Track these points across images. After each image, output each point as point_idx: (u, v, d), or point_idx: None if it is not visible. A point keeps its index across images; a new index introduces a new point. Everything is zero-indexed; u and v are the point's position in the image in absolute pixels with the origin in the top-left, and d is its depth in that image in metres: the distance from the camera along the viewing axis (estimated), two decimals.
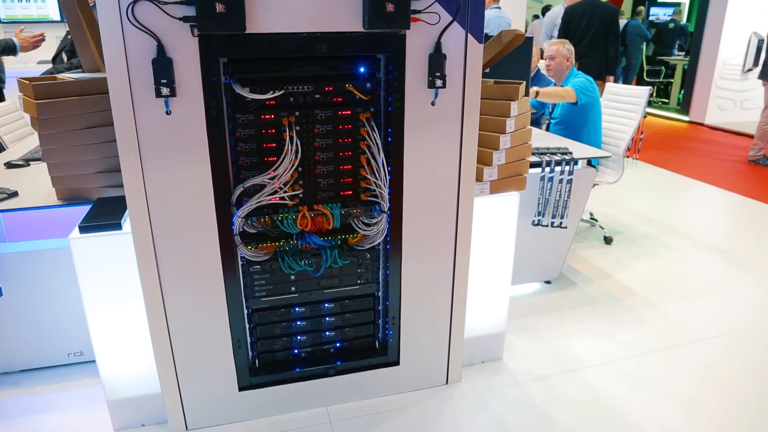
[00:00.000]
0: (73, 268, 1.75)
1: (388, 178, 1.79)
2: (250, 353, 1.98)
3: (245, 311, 1.91)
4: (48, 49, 4.81)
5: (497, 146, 2.04)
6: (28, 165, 2.55)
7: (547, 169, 2.67)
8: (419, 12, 1.62)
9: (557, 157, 2.69)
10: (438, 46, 1.69)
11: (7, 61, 5.93)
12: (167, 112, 1.56)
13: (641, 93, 3.49)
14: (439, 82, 1.72)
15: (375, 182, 1.78)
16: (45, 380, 2.25)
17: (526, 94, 2.39)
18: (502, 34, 2.06)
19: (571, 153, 2.75)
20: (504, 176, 2.10)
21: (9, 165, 2.55)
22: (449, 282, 2.03)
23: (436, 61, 1.70)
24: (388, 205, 1.83)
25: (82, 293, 1.79)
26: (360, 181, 1.83)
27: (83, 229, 1.74)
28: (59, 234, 2.05)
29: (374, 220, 1.85)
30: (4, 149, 3.00)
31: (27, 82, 1.87)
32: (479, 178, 2.05)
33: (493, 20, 5.70)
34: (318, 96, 1.72)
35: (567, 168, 2.69)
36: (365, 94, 1.74)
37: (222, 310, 1.84)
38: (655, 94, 9.78)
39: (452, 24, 1.67)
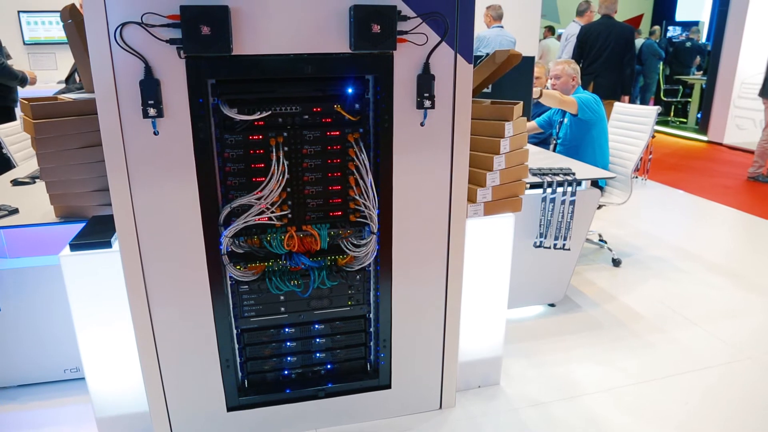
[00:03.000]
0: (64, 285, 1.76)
1: (376, 199, 1.78)
2: (240, 373, 1.97)
3: (234, 331, 1.90)
4: (65, 70, 4.95)
5: (491, 167, 2.02)
6: (34, 182, 2.60)
7: (549, 190, 2.63)
8: (406, 33, 1.62)
9: (559, 178, 2.65)
10: (426, 66, 1.68)
11: None
12: (155, 133, 1.58)
13: (649, 113, 3.44)
14: (427, 103, 1.71)
15: (364, 203, 1.77)
16: (41, 396, 2.27)
17: (524, 113, 2.37)
18: (495, 54, 2.05)
19: (573, 174, 2.71)
20: (499, 197, 2.07)
21: (15, 182, 2.61)
22: (442, 305, 2.00)
23: (425, 82, 1.69)
24: (377, 226, 1.81)
25: (72, 310, 1.80)
26: (349, 202, 1.82)
27: (74, 246, 1.76)
28: (58, 251, 2.08)
29: (363, 242, 1.83)
30: (14, 167, 3.07)
31: (26, 102, 1.91)
32: (473, 199, 2.02)
33: (493, 39, 5.68)
34: (306, 117, 1.73)
35: (569, 189, 2.65)
36: (354, 115, 1.74)
37: (210, 330, 1.84)
38: (672, 114, 9.66)
39: (440, 44, 1.67)
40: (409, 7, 1.61)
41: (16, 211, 2.17)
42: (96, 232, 1.84)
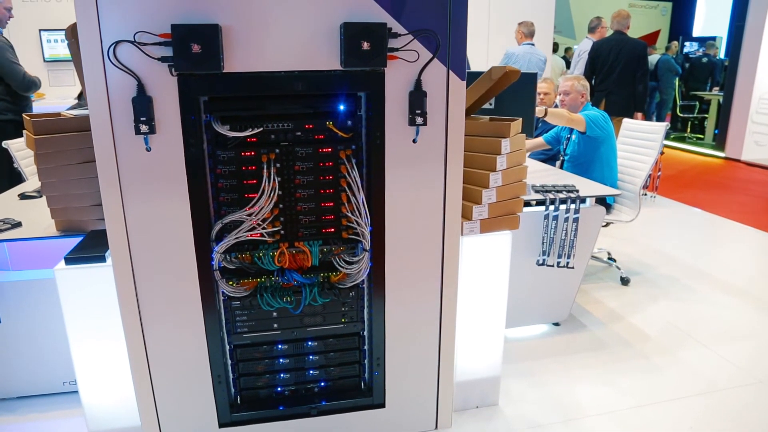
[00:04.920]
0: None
1: (368, 216, 1.77)
2: (233, 390, 1.96)
3: (227, 347, 1.90)
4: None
5: (487, 184, 2.00)
6: (40, 196, 2.65)
7: (552, 208, 2.60)
8: (397, 50, 1.62)
9: (562, 195, 2.61)
10: (418, 83, 1.68)
11: (50, 96, 6.28)
12: (147, 149, 1.59)
13: (658, 129, 3.39)
14: (419, 120, 1.71)
15: (356, 220, 1.77)
16: (40, 408, 2.28)
17: (526, 130, 2.35)
18: (491, 71, 2.04)
19: (577, 191, 2.67)
20: (495, 215, 2.04)
21: (23, 196, 2.65)
22: (436, 323, 1.97)
23: (416, 99, 1.69)
24: (369, 243, 1.80)
25: (66, 324, 1.81)
26: (342, 219, 1.82)
27: (69, 260, 1.78)
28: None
29: (356, 259, 1.82)
30: (25, 180, 3.13)
31: (28, 118, 1.95)
32: (468, 217, 2.00)
33: (522, 57, 5.64)
34: (299, 133, 1.73)
35: (573, 206, 2.61)
36: (346, 132, 1.74)
37: (202, 345, 1.83)
38: (689, 130, 9.52)
39: (432, 61, 1.67)
40: (401, 24, 1.62)
41: (19, 224, 2.20)
42: (92, 246, 1.85)
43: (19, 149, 3.20)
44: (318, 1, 1.57)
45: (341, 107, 1.73)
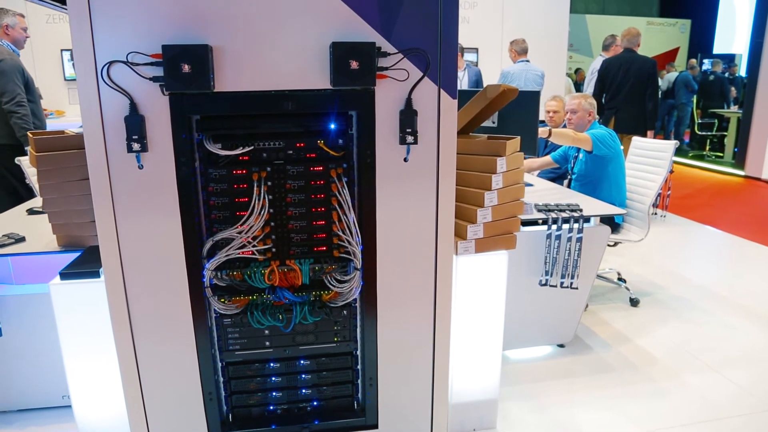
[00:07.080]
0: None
1: (359, 235, 1.76)
2: (224, 407, 1.95)
3: (219, 364, 1.89)
4: None
5: (482, 203, 1.98)
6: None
7: (554, 227, 2.57)
8: (386, 69, 1.63)
9: (565, 214, 2.58)
10: (408, 102, 1.68)
11: (69, 114, 6.44)
12: (139, 167, 1.62)
13: (667, 147, 3.34)
14: (410, 138, 1.70)
15: (347, 239, 1.76)
16: (38, 421, 2.30)
17: (527, 149, 2.33)
18: (487, 89, 2.03)
19: (580, 210, 2.63)
20: (491, 234, 2.02)
21: (30, 211, 2.71)
22: (429, 343, 1.94)
23: (407, 118, 1.68)
24: (361, 262, 1.79)
25: (61, 338, 1.84)
26: (333, 237, 1.81)
27: (64, 275, 1.81)
28: None
29: (347, 277, 1.81)
30: (36, 196, 3.20)
31: (31, 135, 2.00)
32: (463, 236, 1.98)
33: (518, 74, 5.65)
34: (290, 152, 1.74)
35: (576, 225, 2.58)
36: (337, 151, 1.74)
37: (193, 362, 1.83)
38: (708, 148, 9.36)
39: (423, 80, 1.67)
40: (390, 43, 1.62)
41: (22, 239, 2.25)
42: (88, 262, 1.88)
43: (30, 165, 3.28)
44: (307, 21, 1.59)
45: (332, 126, 1.73)
